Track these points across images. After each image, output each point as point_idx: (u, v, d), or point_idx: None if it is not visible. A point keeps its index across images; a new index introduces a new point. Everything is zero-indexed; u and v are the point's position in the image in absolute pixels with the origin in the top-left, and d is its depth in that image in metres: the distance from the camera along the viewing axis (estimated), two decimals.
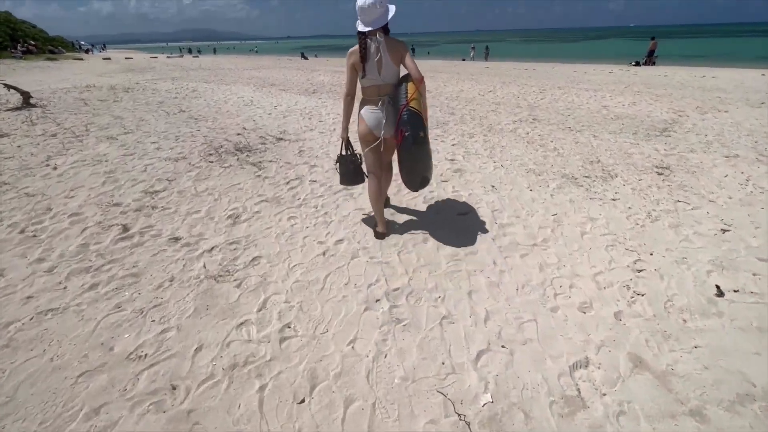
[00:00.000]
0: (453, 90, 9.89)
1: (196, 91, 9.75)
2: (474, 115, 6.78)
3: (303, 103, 7.93)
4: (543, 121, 6.29)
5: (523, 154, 4.62)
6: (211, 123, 5.86)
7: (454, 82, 11.61)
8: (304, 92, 9.68)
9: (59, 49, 34.28)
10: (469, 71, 16.17)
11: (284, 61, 26.04)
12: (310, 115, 6.68)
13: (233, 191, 3.50)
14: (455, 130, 5.70)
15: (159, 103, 7.49)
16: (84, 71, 16.73)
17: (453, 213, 3.14)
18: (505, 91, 9.64)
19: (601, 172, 4.00)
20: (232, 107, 7.30)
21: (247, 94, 9.34)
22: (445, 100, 8.38)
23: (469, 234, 2.81)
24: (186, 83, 11.71)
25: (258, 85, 11.12)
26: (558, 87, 10.28)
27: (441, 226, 2.93)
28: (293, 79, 12.92)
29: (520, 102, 8.00)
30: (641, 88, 9.82)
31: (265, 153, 4.48)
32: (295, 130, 5.61)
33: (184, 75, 14.91)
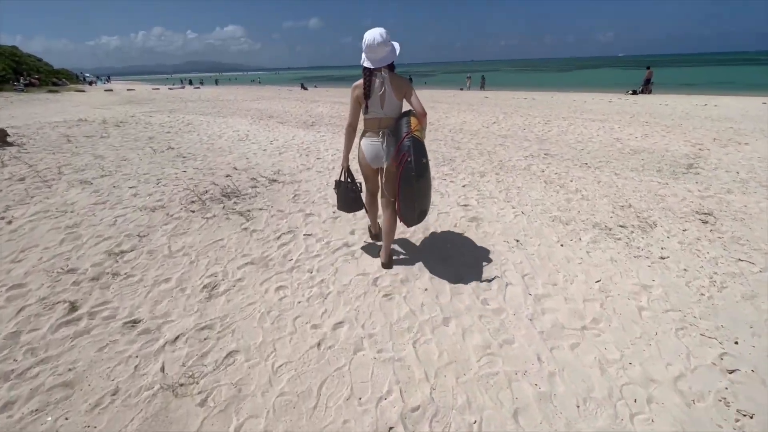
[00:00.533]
0: (456, 122, 9.54)
1: (191, 124, 9.38)
2: (481, 149, 6.34)
3: (301, 138, 7.51)
4: (556, 156, 5.84)
5: (544, 197, 4.11)
6: (200, 162, 5.38)
7: (456, 113, 11.32)
8: (302, 125, 9.31)
9: (63, 81, 34.64)
10: (468, 101, 16.01)
11: (284, 92, 26.12)
12: (307, 151, 6.23)
13: (214, 250, 2.95)
14: (464, 168, 5.23)
15: (149, 138, 7.06)
16: (83, 103, 16.53)
17: (476, 279, 2.59)
18: (510, 122, 9.29)
19: (637, 220, 3.48)
20: (226, 143, 6.86)
21: (243, 127, 8.96)
22: (449, 132, 7.99)
23: (500, 311, 2.25)
24: (182, 116, 11.39)
25: (255, 118, 10.79)
26: (562, 117, 9.96)
27: (463, 299, 2.37)
28: (292, 111, 12.65)
29: (527, 134, 7.61)
30: (648, 119, 9.50)
31: (255, 199, 3.96)
32: (291, 169, 5.13)
33: (182, 107, 14.68)
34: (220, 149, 6.28)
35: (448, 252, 2.95)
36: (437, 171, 5.11)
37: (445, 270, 2.69)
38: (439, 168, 5.25)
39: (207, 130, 8.35)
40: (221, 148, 6.34)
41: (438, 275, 2.63)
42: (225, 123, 9.65)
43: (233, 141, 7.10)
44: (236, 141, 7.11)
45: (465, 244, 3.07)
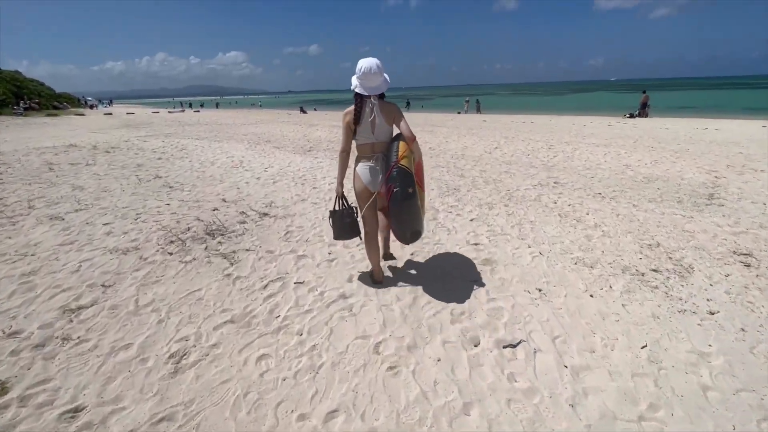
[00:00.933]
0: (456, 147, 9.27)
1: (185, 149, 9.06)
2: (486, 177, 6.00)
3: (297, 164, 7.18)
4: (566, 185, 5.49)
5: (561, 233, 3.72)
6: (187, 193, 4.99)
7: (456, 138, 11.09)
8: (299, 150, 9.01)
9: (64, 104, 34.75)
10: (467, 125, 15.88)
11: (283, 116, 26.13)
12: (303, 180, 5.87)
13: (189, 304, 2.52)
14: (470, 199, 4.86)
15: (137, 166, 6.71)
16: (80, 127, 16.31)
17: (497, 343, 2.15)
18: (512, 147, 9.02)
19: (670, 263, 3.07)
20: (218, 170, 6.51)
21: (238, 153, 8.64)
22: (450, 159, 7.67)
23: (533, 393, 1.81)
24: (177, 140, 11.12)
25: (252, 142, 10.51)
26: (565, 142, 9.71)
27: (485, 374, 1.93)
28: (289, 135, 12.41)
29: (532, 161, 7.29)
30: (653, 143, 9.25)
31: (243, 237, 3.55)
32: (284, 201, 4.74)
33: (179, 131, 14.46)
34: (210, 178, 5.92)
35: (461, 306, 2.52)
36: (442, 202, 4.74)
37: (460, 331, 2.26)
38: (444, 199, 4.87)
39: (200, 156, 8.02)
40: (212, 177, 5.97)
41: (451, 338, 2.19)
42: (220, 148, 9.35)
43: (226, 168, 6.74)
44: (229, 168, 6.76)
45: (480, 296, 2.64)
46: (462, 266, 3.07)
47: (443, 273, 2.96)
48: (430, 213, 4.35)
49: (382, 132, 2.44)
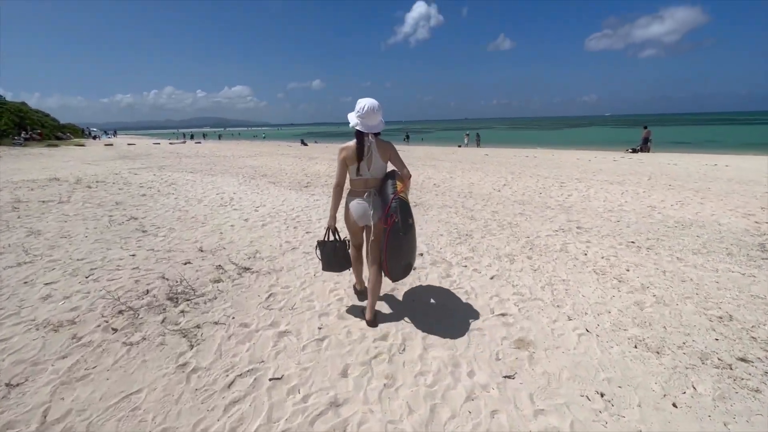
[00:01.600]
0: (462, 183, 8.71)
1: (175, 184, 8.49)
2: (500, 220, 5.36)
3: (291, 202, 6.56)
4: (591, 230, 4.85)
5: (603, 297, 3.03)
6: (161, 239, 4.32)
7: (460, 173, 10.58)
8: (295, 186, 8.43)
9: (68, 135, 34.84)
10: (470, 159, 15.48)
11: (284, 148, 25.95)
12: (296, 222, 5.23)
13: (118, 418, 1.79)
14: (486, 248, 4.20)
15: (115, 204, 6.07)
16: (75, 159, 15.89)
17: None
18: (521, 184, 8.46)
19: (758, 347, 2.37)
20: (203, 210, 5.87)
21: (230, 188, 8.06)
22: (457, 197, 7.08)
23: None
24: (169, 173, 10.59)
25: (247, 177, 9.96)
26: (576, 179, 9.18)
27: None
28: (287, 169, 11.91)
29: (546, 200, 6.69)
30: (668, 181, 8.72)
31: (213, 303, 2.84)
32: (272, 250, 4.07)
33: (175, 163, 14.00)
34: (193, 219, 5.27)
35: (499, 425, 1.79)
36: (454, 252, 4.07)
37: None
38: (456, 248, 4.20)
39: (189, 192, 7.42)
40: (195, 218, 5.32)
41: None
42: (212, 183, 8.77)
43: (213, 207, 6.11)
44: (217, 207, 6.13)
45: (522, 405, 1.91)
46: (491, 351, 2.35)
47: (468, 363, 2.24)
48: (441, 267, 3.68)
49: (377, 168, 2.48)
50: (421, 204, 6.46)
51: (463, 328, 2.60)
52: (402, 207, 2.33)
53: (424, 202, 6.64)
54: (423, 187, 8.16)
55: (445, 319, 2.72)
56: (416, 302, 2.98)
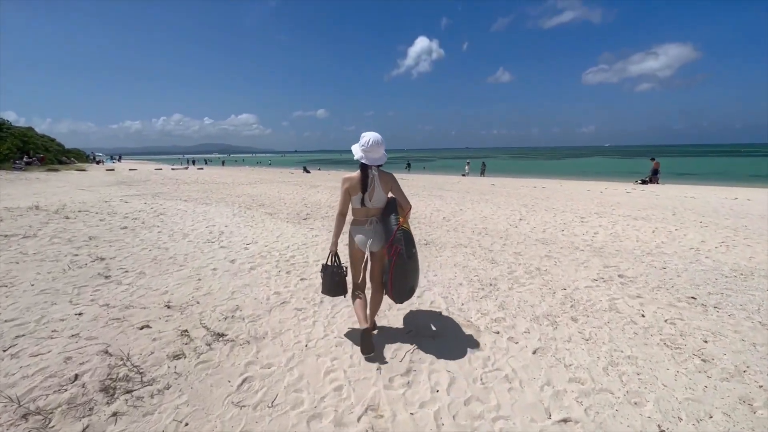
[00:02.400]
0: (474, 217, 8.00)
1: (164, 215, 7.80)
2: (526, 265, 4.60)
3: (287, 238, 5.84)
4: (638, 281, 4.07)
5: (695, 390, 2.22)
6: (123, 289, 3.56)
7: (470, 205, 9.89)
8: (294, 218, 7.74)
9: (71, 160, 34.77)
10: (477, 189, 14.87)
11: (286, 175, 25.53)
12: (290, 264, 4.48)
13: None
14: (518, 304, 3.42)
15: (88, 239, 5.34)
16: (69, 184, 15.36)
17: None
18: (538, 218, 7.74)
19: None
20: (185, 248, 5.14)
21: (223, 219, 7.36)
22: (471, 234, 6.34)
23: None
24: (162, 202, 9.94)
25: (243, 207, 9.30)
26: (595, 213, 8.47)
27: None
28: (287, 198, 11.27)
29: (571, 239, 5.95)
30: (695, 216, 8.00)
31: (163, 398, 2.04)
32: (256, 304, 3.30)
33: (172, 190, 13.41)
34: (171, 260, 4.52)
35: None
36: (480, 311, 3.29)
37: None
38: (481, 303, 3.43)
39: (176, 224, 6.72)
40: (173, 259, 4.57)
41: None
42: (204, 213, 8.09)
43: (198, 243, 5.39)
44: (203, 243, 5.40)
45: None
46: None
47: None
48: (468, 334, 2.90)
49: (379, 198, 2.54)
50: (432, 242, 5.72)
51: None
52: (406, 237, 2.43)
53: (436, 239, 5.91)
54: (432, 222, 7.44)
55: (485, 425, 1.92)
56: (449, 401, 2.18)
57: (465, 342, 2.78)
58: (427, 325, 3.06)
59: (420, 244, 5.62)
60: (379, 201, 2.54)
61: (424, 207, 9.46)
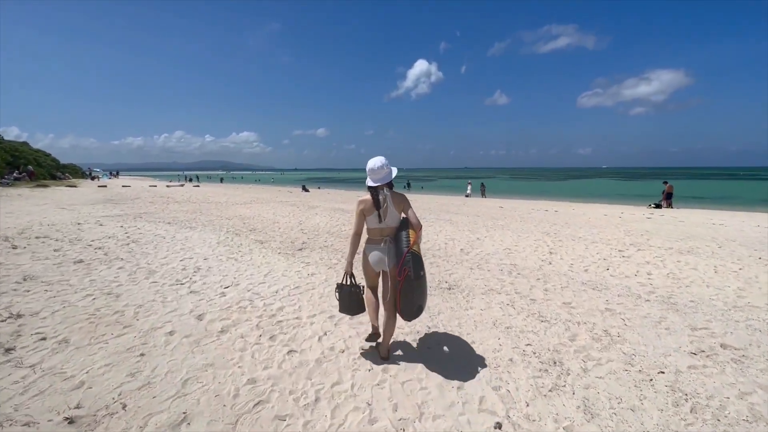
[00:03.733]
0: (495, 248, 6.86)
1: (137, 242, 6.66)
2: (590, 326, 3.44)
3: (276, 278, 4.69)
4: (753, 355, 2.93)
5: None
6: (19, 377, 2.37)
7: (484, 231, 8.78)
8: (287, 248, 6.60)
9: (66, 175, 33.81)
10: (486, 213, 13.78)
11: (284, 194, 24.47)
12: (274, 326, 3.32)
13: None
14: (609, 406, 2.25)
15: (20, 281, 4.17)
16: (53, 202, 14.24)
17: None
18: (571, 252, 6.61)
19: None
20: (143, 295, 3.97)
21: (204, 249, 6.22)
22: (500, 273, 5.19)
23: None
24: (142, 224, 8.80)
25: (232, 231, 8.16)
26: (631, 244, 7.36)
27: None
28: (282, 221, 10.15)
29: (627, 283, 4.80)
30: (746, 251, 6.88)
31: None
32: (215, 411, 2.12)
33: (159, 209, 12.28)
34: (115, 317, 3.35)
35: None
36: (555, 413, 2.13)
37: None
38: (553, 403, 2.26)
39: (145, 257, 5.57)
40: (119, 314, 3.40)
41: None
42: (185, 241, 6.95)
43: (162, 287, 4.23)
44: (168, 287, 4.24)
45: None
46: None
47: None
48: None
49: (392, 218, 2.63)
50: (455, 286, 4.58)
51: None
52: (414, 260, 2.47)
53: (459, 281, 4.76)
54: (449, 255, 6.31)
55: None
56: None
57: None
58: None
59: (441, 288, 4.49)
60: (392, 220, 2.64)
61: (435, 234, 8.34)
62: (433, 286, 4.57)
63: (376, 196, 2.57)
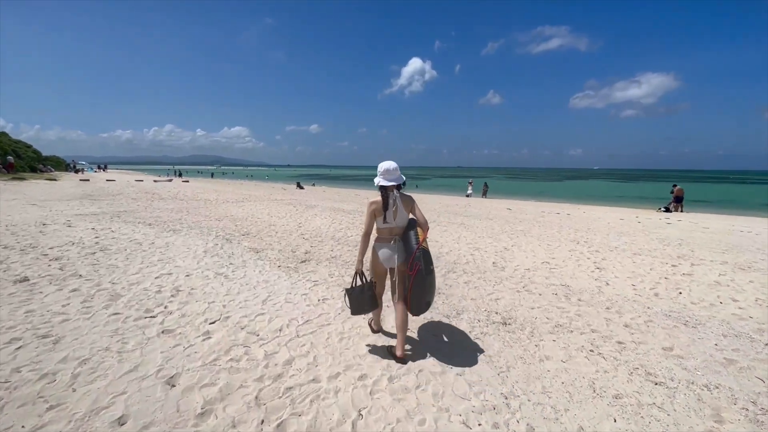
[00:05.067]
0: (532, 262, 5.82)
1: (106, 250, 5.48)
2: (722, 387, 2.43)
3: (278, 306, 3.59)
4: None
5: None
6: None
7: (507, 239, 7.76)
8: (288, 259, 5.49)
9: (48, 167, 32.05)
10: (498, 215, 12.78)
11: (277, 191, 23.21)
12: (285, 403, 2.22)
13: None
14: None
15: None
16: (23, 197, 12.86)
17: None
18: (615, 264, 5.61)
19: None
20: (91, 339, 2.84)
21: (187, 261, 5.08)
22: (552, 296, 4.14)
23: None
24: (118, 227, 7.59)
25: (222, 236, 7.01)
26: (678, 257, 6.42)
27: None
28: (279, 224, 9.00)
29: (714, 312, 3.80)
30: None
31: None
32: None
33: (141, 208, 11.02)
34: (40, 385, 2.20)
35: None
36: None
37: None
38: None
39: (111, 273, 4.41)
40: (47, 383, 2.24)
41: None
42: (165, 249, 5.78)
43: (125, 323, 3.10)
44: (131, 322, 3.11)
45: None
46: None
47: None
48: None
49: (401, 218, 2.72)
50: (512, 320, 3.52)
51: None
52: (425, 257, 2.59)
53: (512, 312, 3.71)
54: (483, 270, 5.27)
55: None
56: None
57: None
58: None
59: (493, 322, 3.45)
60: (401, 220, 2.72)
61: (455, 242, 7.30)
62: (482, 319, 3.53)
63: (386, 197, 2.66)
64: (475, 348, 2.96)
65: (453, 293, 4.25)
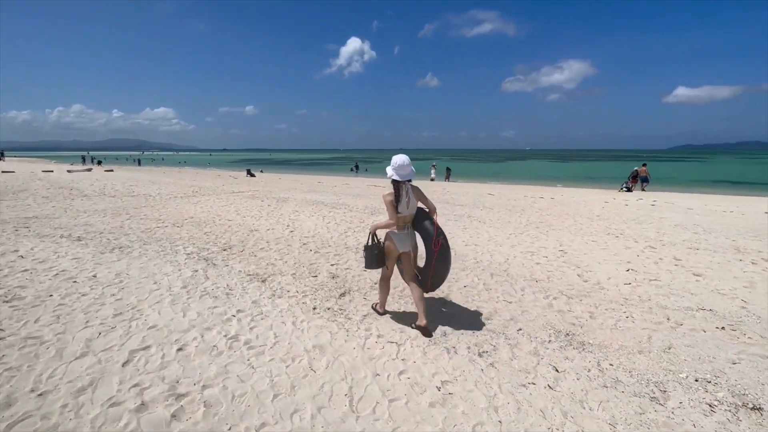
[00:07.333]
0: (602, 270, 4.70)
1: (16, 301, 3.32)
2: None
3: (382, 420, 2.01)
4: None
5: None
6: None
7: (540, 234, 6.67)
8: (317, 291, 3.78)
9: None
10: (487, 201, 11.78)
11: (228, 180, 20.20)
12: None
13: None
14: None
15: None
16: None
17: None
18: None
19: None
20: None
21: (164, 316, 3.15)
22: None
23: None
24: (31, 245, 5.15)
25: (197, 256, 4.96)
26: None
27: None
28: (262, 227, 6.99)
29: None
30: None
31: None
32: None
33: (59, 212, 8.19)
34: None
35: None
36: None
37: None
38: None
39: (35, 363, 2.43)
40: None
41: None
42: (119, 288, 3.72)
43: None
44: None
45: None
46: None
47: None
48: None
49: (413, 207, 3.00)
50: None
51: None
52: (443, 233, 3.01)
53: (743, 382, 2.51)
54: (577, 288, 4.03)
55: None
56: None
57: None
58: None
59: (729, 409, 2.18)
60: (413, 209, 3.00)
61: (487, 241, 6.00)
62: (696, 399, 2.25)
63: (399, 189, 2.89)
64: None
65: (602, 342, 2.92)
